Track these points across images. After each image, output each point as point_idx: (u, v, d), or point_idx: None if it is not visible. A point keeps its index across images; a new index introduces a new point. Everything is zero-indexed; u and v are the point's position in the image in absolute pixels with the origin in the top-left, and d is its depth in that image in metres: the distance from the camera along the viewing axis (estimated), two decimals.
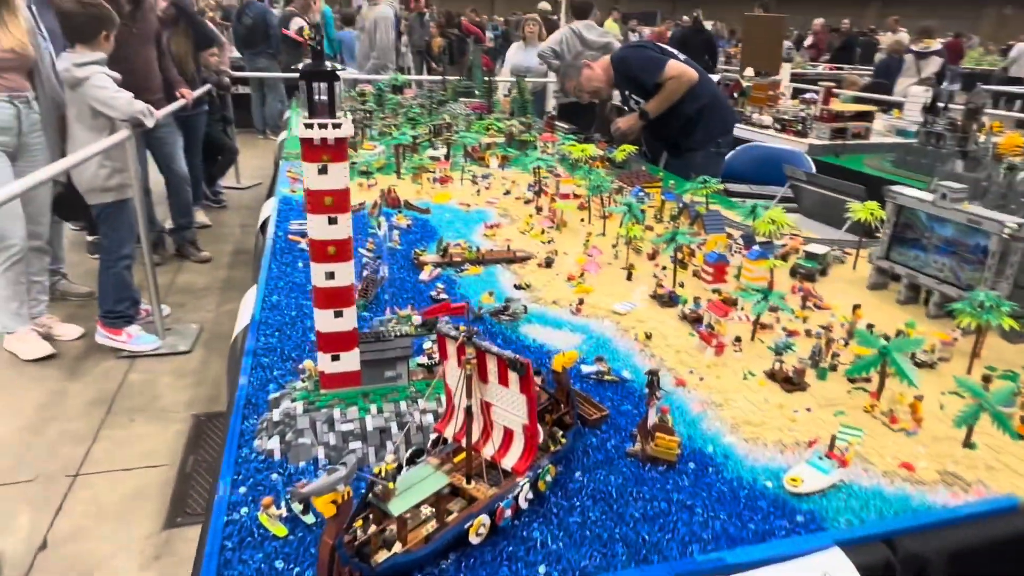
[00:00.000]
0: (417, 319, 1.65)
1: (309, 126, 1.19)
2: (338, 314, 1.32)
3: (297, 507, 1.16)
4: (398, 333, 1.39)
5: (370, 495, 1.05)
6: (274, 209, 2.94)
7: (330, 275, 1.30)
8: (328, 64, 1.20)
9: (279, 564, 1.07)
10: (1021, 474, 1.33)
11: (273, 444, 1.34)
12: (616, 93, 4.30)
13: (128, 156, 3.67)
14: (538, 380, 1.45)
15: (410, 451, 1.23)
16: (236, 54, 8.74)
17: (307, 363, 1.44)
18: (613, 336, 1.89)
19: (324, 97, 1.19)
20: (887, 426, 1.48)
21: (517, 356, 1.11)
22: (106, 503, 2.85)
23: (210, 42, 5.75)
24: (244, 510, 1.19)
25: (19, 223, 3.65)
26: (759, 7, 9.17)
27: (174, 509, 2.80)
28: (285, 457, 1.32)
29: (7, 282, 3.71)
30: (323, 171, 1.23)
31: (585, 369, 1.69)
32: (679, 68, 3.72)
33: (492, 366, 1.16)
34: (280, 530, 1.14)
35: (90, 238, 5.42)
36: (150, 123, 3.73)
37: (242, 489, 1.24)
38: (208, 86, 5.98)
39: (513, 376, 1.13)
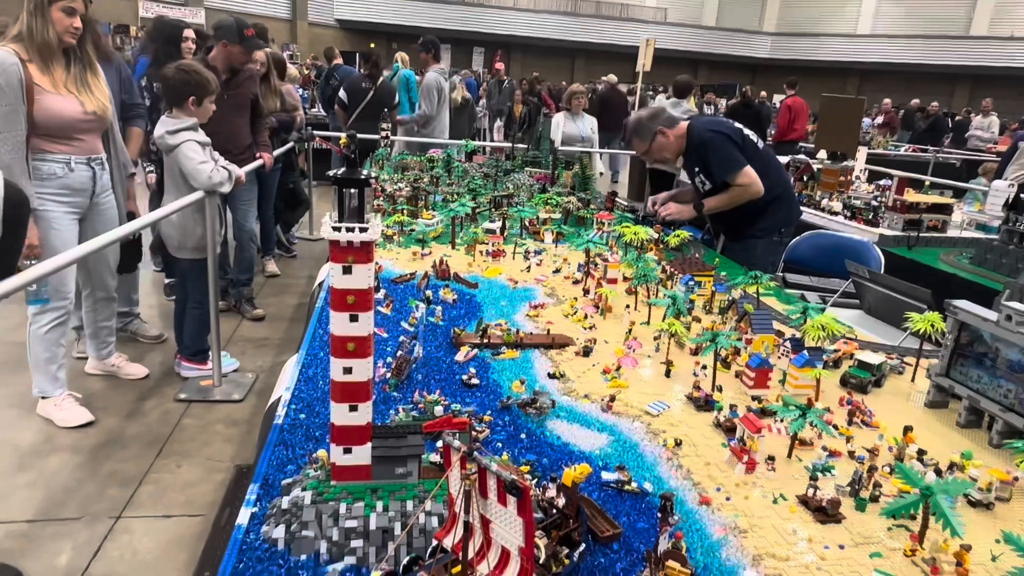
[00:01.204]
0: (439, 409, 1.65)
1: (337, 229, 1.23)
2: (353, 408, 1.34)
3: None
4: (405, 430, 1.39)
5: None
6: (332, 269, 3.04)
7: (348, 370, 1.32)
8: (361, 173, 1.25)
9: None
10: None
11: (278, 533, 1.35)
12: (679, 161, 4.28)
13: (206, 219, 3.92)
14: (552, 489, 1.42)
15: (407, 558, 1.21)
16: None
17: (321, 453, 1.46)
18: (641, 439, 1.84)
19: (355, 203, 1.24)
20: None
21: (515, 479, 1.09)
22: (142, 550, 2.92)
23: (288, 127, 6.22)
24: None
25: (70, 283, 3.68)
26: (788, 85, 9.12)
27: (202, 565, 2.84)
28: (288, 548, 1.33)
29: (48, 343, 3.67)
30: (347, 271, 1.27)
31: (605, 476, 1.64)
32: (751, 177, 3.71)
33: (492, 483, 1.14)
34: None
35: (167, 281, 5.76)
36: (226, 189, 3.99)
37: None
38: (291, 143, 6.36)
39: (511, 498, 1.11)
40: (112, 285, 4.11)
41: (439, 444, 1.59)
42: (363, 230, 1.24)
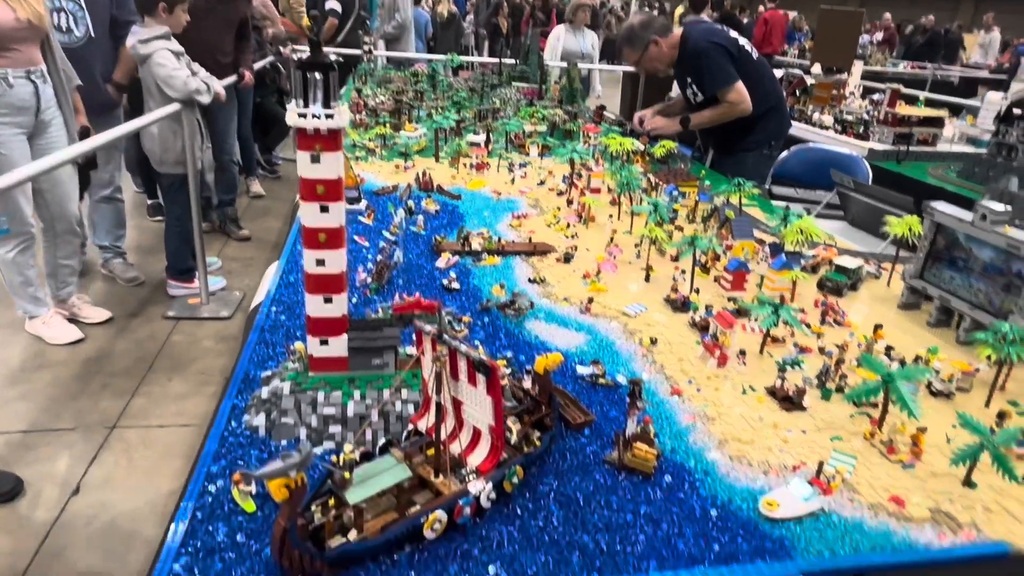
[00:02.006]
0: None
1: (302, 115, 1.21)
2: (327, 300, 1.35)
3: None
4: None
5: (328, 482, 1.07)
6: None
7: (320, 262, 1.32)
8: (331, 56, 1.22)
9: (240, 538, 1.12)
10: (1020, 520, 1.26)
11: (259, 421, 1.39)
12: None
13: (184, 131, 3.82)
14: (527, 380, 1.45)
15: (383, 441, 1.25)
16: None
17: (298, 345, 1.48)
18: (618, 339, 1.87)
19: (320, 88, 1.21)
20: (884, 456, 1.42)
21: (483, 358, 1.11)
22: (137, 457, 3.01)
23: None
24: (220, 483, 1.24)
25: (26, 208, 3.48)
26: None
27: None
28: (269, 435, 1.37)
29: (18, 268, 3.58)
30: (315, 159, 1.25)
31: (580, 370, 1.68)
32: (741, 94, 3.62)
33: (462, 365, 1.16)
34: (249, 506, 1.18)
35: (150, 202, 5.69)
36: (205, 100, 3.87)
37: (224, 462, 1.29)
38: (270, 58, 6.14)
39: (481, 377, 1.14)
40: (74, 215, 3.77)
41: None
42: (329, 116, 1.22)
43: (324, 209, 1.29)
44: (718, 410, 1.56)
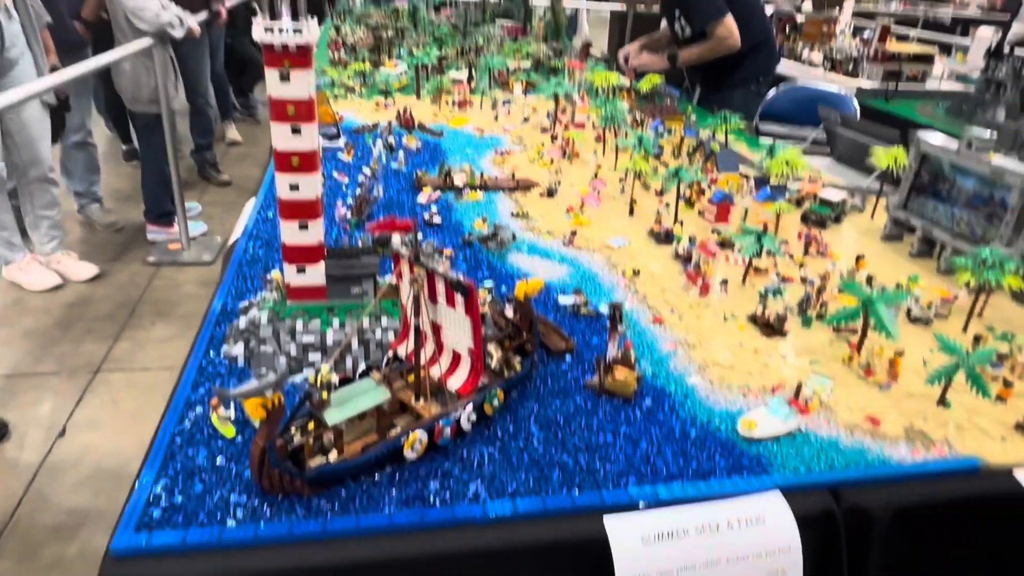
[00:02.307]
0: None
1: (269, 30, 1.15)
2: (303, 226, 1.32)
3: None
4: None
5: (306, 404, 1.07)
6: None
7: (294, 187, 1.29)
8: None
9: (221, 462, 1.11)
10: (992, 437, 1.28)
11: (237, 351, 1.37)
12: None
13: (156, 68, 3.69)
14: (509, 309, 1.45)
15: (363, 366, 1.25)
16: None
17: (274, 273, 1.45)
18: (601, 270, 1.86)
19: (287, 1, 1.15)
20: (861, 379, 1.44)
21: (460, 278, 1.10)
22: (122, 399, 3.01)
23: None
24: (199, 410, 1.23)
25: None
26: None
27: None
28: (247, 363, 1.36)
29: None
30: (285, 78, 1.20)
31: (562, 300, 1.67)
32: (730, 29, 3.51)
33: (440, 287, 1.15)
34: (229, 431, 1.17)
35: (124, 147, 5.55)
36: (178, 34, 3.72)
37: (201, 390, 1.28)
38: None
39: (459, 298, 1.12)
40: (46, 161, 3.65)
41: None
42: (298, 31, 1.16)
43: (296, 131, 1.25)
44: (699, 337, 1.56)
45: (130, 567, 0.94)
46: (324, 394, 1.05)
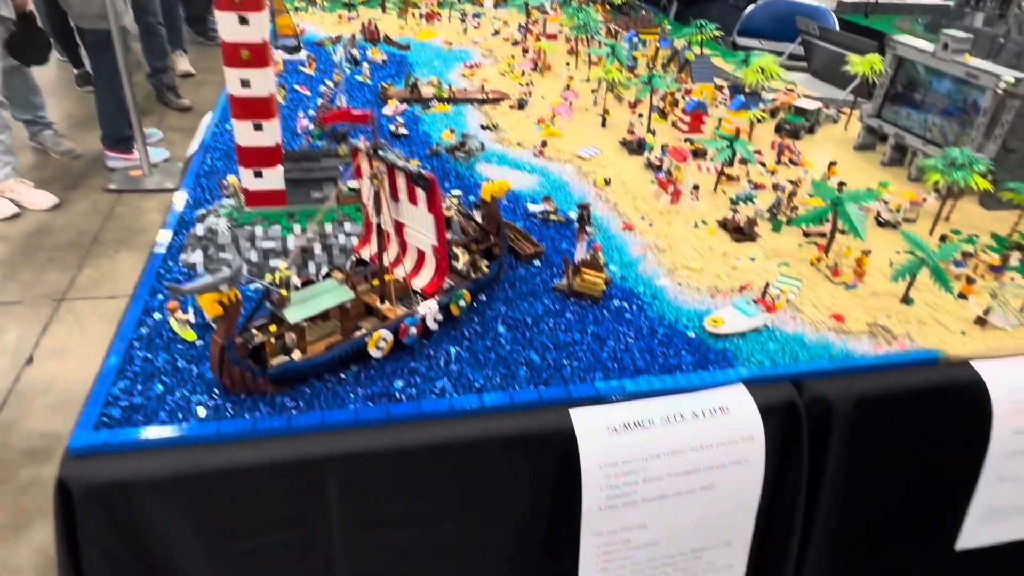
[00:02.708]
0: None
1: None
2: (257, 127, 1.26)
3: None
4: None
5: (266, 303, 1.04)
6: None
7: (245, 83, 1.22)
8: None
9: (182, 364, 1.09)
10: (952, 331, 1.30)
11: (196, 258, 1.33)
12: None
13: None
14: (477, 215, 1.41)
15: (327, 270, 1.22)
16: None
17: (231, 178, 1.40)
18: (571, 180, 1.83)
19: None
20: (828, 279, 1.44)
21: (422, 170, 1.06)
22: (90, 327, 2.95)
23: None
24: (157, 315, 1.20)
25: None
26: None
27: None
28: (207, 270, 1.32)
29: None
30: None
31: (532, 208, 1.64)
32: None
33: (401, 183, 1.11)
34: (189, 335, 1.15)
35: (76, 71, 5.27)
36: None
37: (160, 298, 1.25)
38: None
39: (421, 194, 1.09)
40: None
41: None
42: None
43: (243, 21, 1.17)
44: (669, 242, 1.55)
45: (90, 465, 0.93)
46: (283, 292, 1.02)
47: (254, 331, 1.05)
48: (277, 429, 0.98)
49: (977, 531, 1.33)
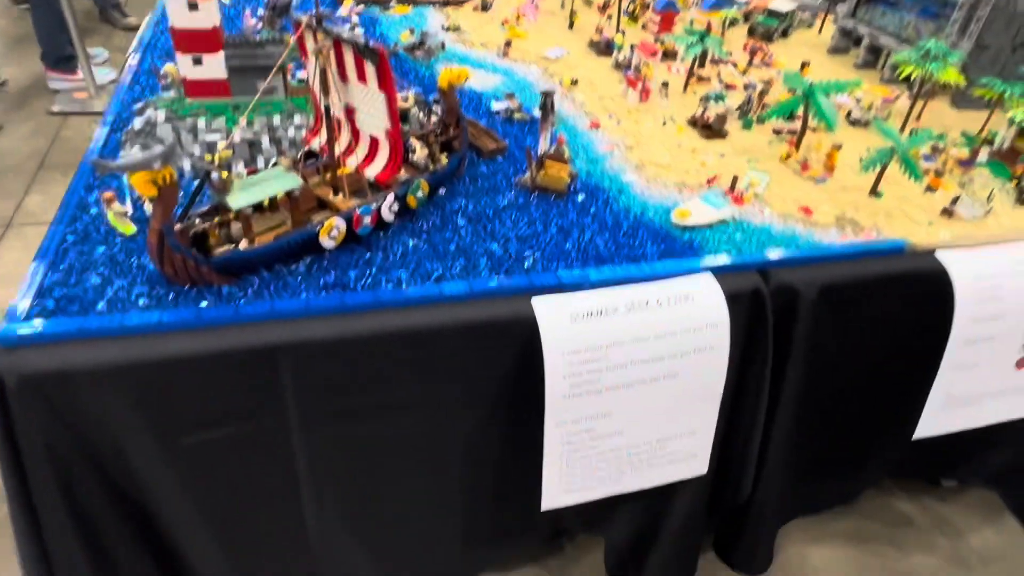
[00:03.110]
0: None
1: None
2: (192, 6, 1.16)
3: None
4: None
5: (206, 186, 0.98)
6: None
7: None
8: None
9: (121, 257, 1.03)
10: (919, 223, 1.29)
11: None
12: None
13: None
14: (437, 111, 1.34)
15: (273, 161, 1.15)
16: None
17: (168, 67, 1.30)
18: (537, 80, 1.75)
19: None
20: (798, 174, 1.41)
21: (371, 43, 0.98)
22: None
23: None
24: (94, 211, 1.13)
25: None
26: None
27: None
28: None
29: None
30: None
31: (495, 106, 1.57)
32: None
33: (349, 59, 1.03)
34: (128, 228, 1.08)
35: None
36: None
37: (96, 193, 1.17)
38: None
39: (370, 70, 1.01)
40: None
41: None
42: None
43: None
44: (637, 140, 1.50)
45: (23, 356, 0.88)
46: (224, 174, 0.95)
47: (198, 223, 0.99)
48: (224, 318, 0.93)
49: (935, 420, 1.35)
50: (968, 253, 1.24)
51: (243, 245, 1.00)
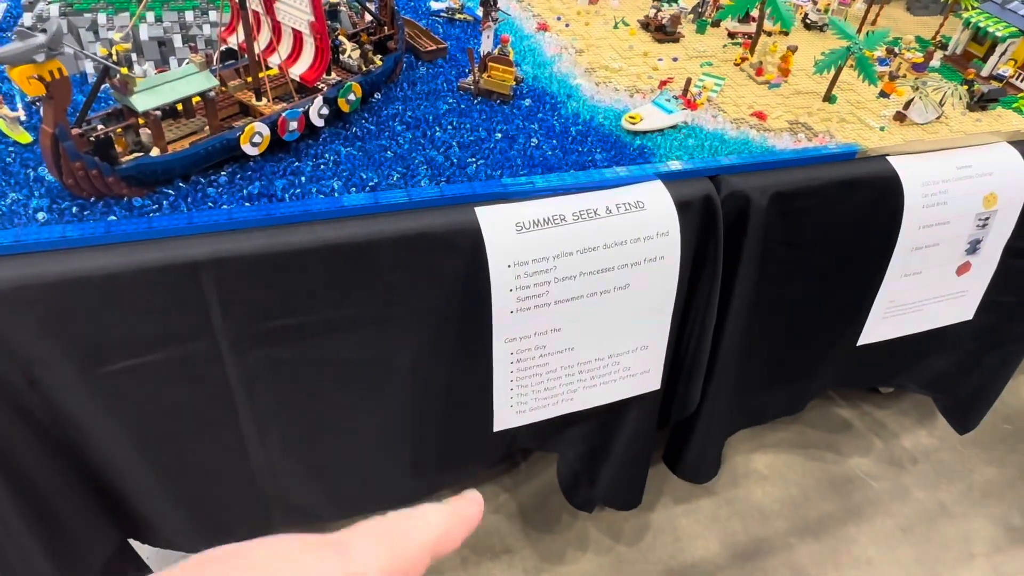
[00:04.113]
0: None
1: None
2: None
3: None
4: None
5: (105, 84, 0.87)
6: None
7: None
8: None
9: (14, 168, 0.93)
10: (872, 128, 1.26)
11: None
12: None
13: None
14: (372, 8, 1.23)
15: (186, 61, 1.04)
16: None
17: None
18: None
19: None
20: (752, 79, 1.36)
21: None
22: None
23: None
24: None
25: None
26: None
27: None
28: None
29: None
30: None
31: (434, 6, 1.46)
32: None
33: None
34: (23, 136, 0.97)
35: None
36: None
37: None
38: None
39: None
40: None
41: None
42: None
43: None
44: (587, 43, 1.42)
45: None
46: (124, 70, 0.85)
47: (98, 124, 0.89)
48: (135, 233, 0.85)
49: (878, 326, 1.38)
50: (917, 159, 1.23)
51: (154, 153, 0.90)
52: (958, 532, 1.75)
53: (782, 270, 1.23)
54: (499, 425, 1.16)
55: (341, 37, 1.11)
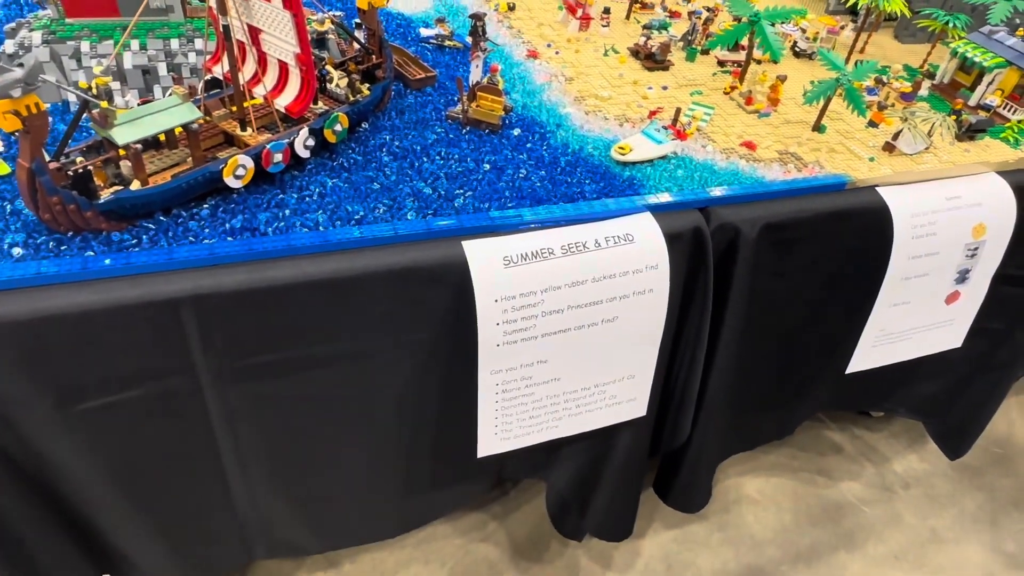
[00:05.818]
0: None
1: None
2: None
3: None
4: None
5: (85, 118, 0.85)
6: None
7: None
8: None
9: None
10: (861, 158, 1.26)
11: None
12: None
13: None
14: (360, 35, 1.22)
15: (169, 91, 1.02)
16: None
17: None
18: (470, 5, 1.63)
19: None
20: (742, 107, 1.36)
21: None
22: None
23: None
24: None
25: None
26: None
27: None
28: None
29: None
30: None
31: (424, 32, 1.45)
32: None
33: None
34: (2, 168, 0.95)
35: None
36: None
37: None
38: None
39: None
40: None
41: None
42: None
43: None
44: (577, 71, 1.41)
45: None
46: (104, 104, 0.83)
47: (77, 157, 0.87)
48: (113, 269, 0.83)
49: (868, 355, 1.37)
50: (907, 190, 1.23)
51: (135, 186, 0.89)
52: (950, 559, 1.74)
53: (772, 300, 1.22)
54: (483, 451, 1.14)
55: (328, 67, 1.10)
